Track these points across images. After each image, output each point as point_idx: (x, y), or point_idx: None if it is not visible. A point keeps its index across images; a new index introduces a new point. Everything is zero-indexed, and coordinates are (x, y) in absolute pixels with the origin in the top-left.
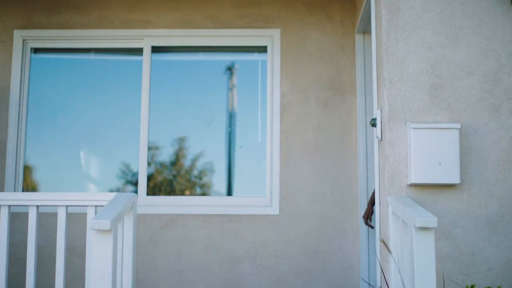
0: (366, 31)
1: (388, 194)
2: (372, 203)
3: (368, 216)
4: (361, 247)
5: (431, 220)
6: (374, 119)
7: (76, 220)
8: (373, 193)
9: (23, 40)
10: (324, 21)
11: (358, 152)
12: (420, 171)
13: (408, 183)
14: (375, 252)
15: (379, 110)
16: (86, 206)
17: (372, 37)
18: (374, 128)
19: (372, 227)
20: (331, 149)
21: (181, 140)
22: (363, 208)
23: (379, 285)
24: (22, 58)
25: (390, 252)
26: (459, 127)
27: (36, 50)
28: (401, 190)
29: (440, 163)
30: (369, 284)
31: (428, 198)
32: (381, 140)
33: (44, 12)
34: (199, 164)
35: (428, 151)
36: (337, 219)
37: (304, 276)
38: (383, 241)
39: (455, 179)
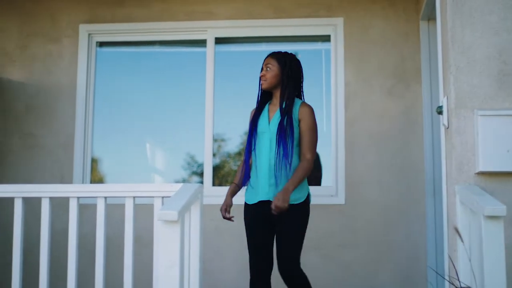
0: (431, 18)
1: (455, 182)
2: (231, 194)
3: (227, 208)
4: (428, 237)
5: (500, 209)
6: (440, 107)
7: (142, 211)
8: (233, 182)
9: (89, 34)
10: (386, 8)
11: (424, 140)
12: (488, 159)
13: (476, 172)
14: (442, 242)
15: (445, 97)
16: (153, 197)
17: (437, 24)
18: (440, 116)
19: (232, 220)
20: (396, 138)
21: (246, 131)
22: (429, 197)
23: (448, 273)
24: (88, 52)
25: (462, 241)
26: None
27: (101, 44)
28: (468, 179)
29: (508, 151)
30: (437, 272)
31: (497, 186)
32: (448, 128)
33: (108, 5)
34: None
35: (496, 139)
36: (403, 208)
37: (370, 266)
38: (456, 229)
39: None
